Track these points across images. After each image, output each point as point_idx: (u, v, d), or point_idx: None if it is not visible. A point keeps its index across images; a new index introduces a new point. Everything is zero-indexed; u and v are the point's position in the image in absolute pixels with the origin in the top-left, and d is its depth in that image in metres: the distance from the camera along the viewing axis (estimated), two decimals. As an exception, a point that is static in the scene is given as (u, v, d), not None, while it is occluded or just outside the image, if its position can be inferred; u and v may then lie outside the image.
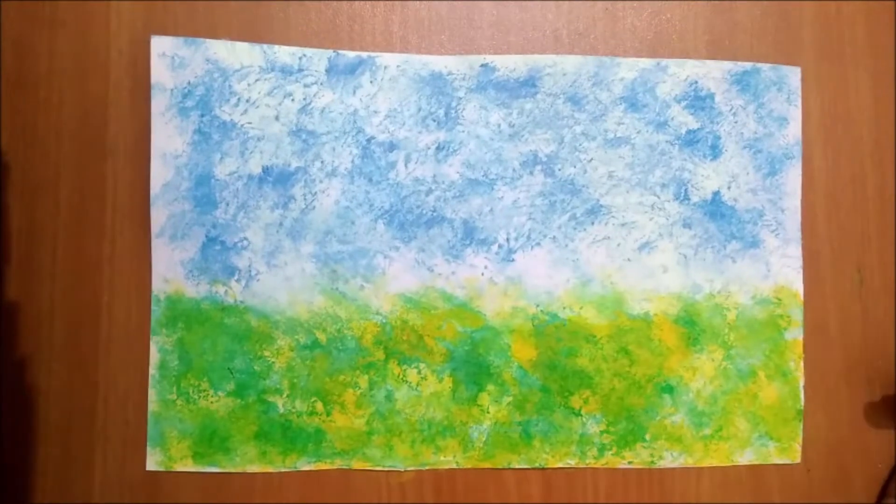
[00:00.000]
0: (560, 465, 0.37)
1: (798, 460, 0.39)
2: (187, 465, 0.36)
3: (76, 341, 0.36)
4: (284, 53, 0.37)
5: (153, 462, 0.35)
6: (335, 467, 0.36)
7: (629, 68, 0.38)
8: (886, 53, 0.41)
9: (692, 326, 0.38)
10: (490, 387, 0.37)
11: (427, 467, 0.37)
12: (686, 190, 0.39)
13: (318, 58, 0.37)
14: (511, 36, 0.39)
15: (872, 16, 0.41)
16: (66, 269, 0.36)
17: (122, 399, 0.36)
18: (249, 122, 0.37)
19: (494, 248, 0.38)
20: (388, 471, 0.37)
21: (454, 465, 0.37)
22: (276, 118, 0.37)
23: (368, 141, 0.37)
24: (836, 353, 0.39)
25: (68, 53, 0.36)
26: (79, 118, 0.36)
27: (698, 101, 0.39)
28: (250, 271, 0.36)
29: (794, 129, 0.39)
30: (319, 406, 0.36)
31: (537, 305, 0.38)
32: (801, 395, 0.39)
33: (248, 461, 0.36)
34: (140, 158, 0.36)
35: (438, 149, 0.38)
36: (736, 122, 0.39)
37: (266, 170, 0.37)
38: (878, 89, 0.41)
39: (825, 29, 0.40)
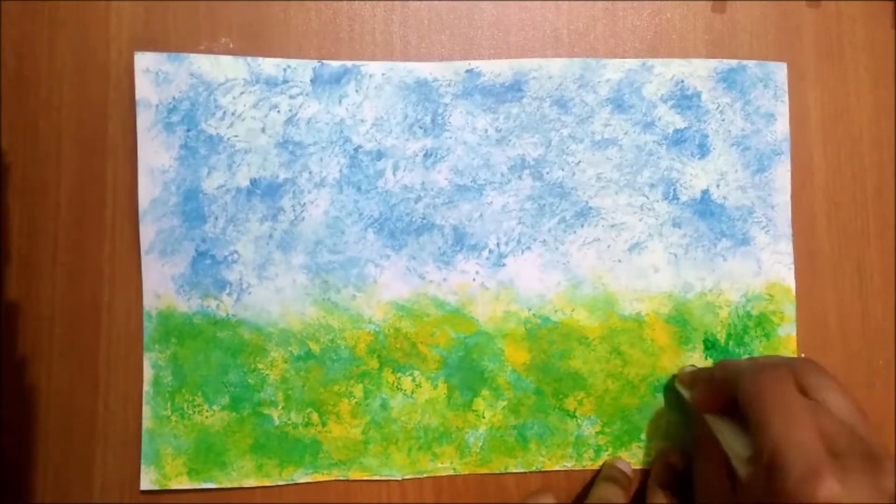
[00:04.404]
0: (557, 467, 0.37)
1: (795, 456, 0.39)
2: (182, 483, 0.35)
3: (76, 341, 0.36)
4: (269, 65, 0.37)
5: (147, 481, 0.35)
6: (332, 478, 0.36)
7: (615, 69, 0.38)
8: (886, 53, 0.41)
9: (684, 325, 0.38)
10: (485, 392, 0.37)
11: (425, 475, 0.37)
12: (675, 189, 0.39)
13: (302, 68, 0.37)
14: (511, 36, 0.39)
15: (872, 15, 0.40)
16: (66, 269, 0.36)
17: (122, 399, 0.36)
18: (236, 136, 0.37)
19: (485, 253, 0.38)
20: (387, 480, 0.37)
21: (452, 472, 0.37)
22: (263, 130, 0.37)
23: (356, 150, 0.37)
24: (836, 353, 0.39)
25: (68, 53, 0.36)
26: (79, 118, 0.36)
27: (685, 100, 0.39)
28: (241, 284, 0.36)
29: (782, 125, 0.39)
30: (315, 417, 0.36)
31: (529, 309, 0.38)
32: (796, 391, 0.39)
33: (244, 475, 0.36)
34: (141, 158, 0.36)
35: (426, 156, 0.38)
36: (723, 120, 0.39)
37: (254, 182, 0.37)
38: (878, 89, 0.40)
39: (825, 28, 0.40)
